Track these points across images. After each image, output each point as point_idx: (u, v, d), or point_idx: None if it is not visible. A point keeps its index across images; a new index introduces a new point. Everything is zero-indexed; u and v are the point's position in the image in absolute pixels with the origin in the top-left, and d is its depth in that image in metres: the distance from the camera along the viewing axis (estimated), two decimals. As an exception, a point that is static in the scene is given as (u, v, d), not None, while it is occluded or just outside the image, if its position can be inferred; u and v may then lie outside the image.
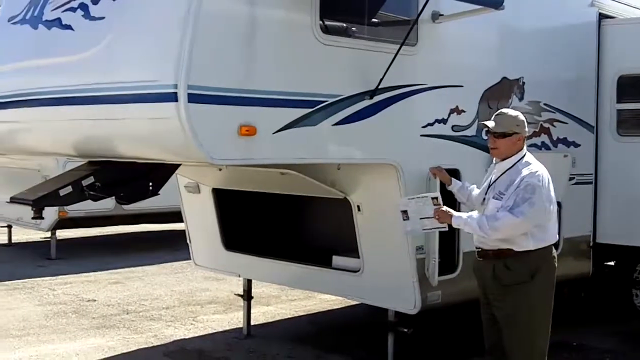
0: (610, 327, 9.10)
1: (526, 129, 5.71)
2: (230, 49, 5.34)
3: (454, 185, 6.23)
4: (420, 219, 5.73)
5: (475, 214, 5.58)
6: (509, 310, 5.50)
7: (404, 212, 5.81)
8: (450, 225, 5.69)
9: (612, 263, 9.63)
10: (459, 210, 5.87)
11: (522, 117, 5.72)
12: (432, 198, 5.71)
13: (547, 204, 5.47)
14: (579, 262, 8.53)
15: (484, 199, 5.70)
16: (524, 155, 5.65)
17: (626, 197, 8.59)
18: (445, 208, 5.64)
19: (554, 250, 5.66)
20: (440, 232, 6.40)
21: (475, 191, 5.99)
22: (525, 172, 5.47)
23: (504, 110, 5.83)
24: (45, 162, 12.31)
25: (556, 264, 5.67)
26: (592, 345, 8.35)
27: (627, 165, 8.62)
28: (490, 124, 5.69)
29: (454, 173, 6.57)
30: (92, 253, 14.58)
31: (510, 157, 5.62)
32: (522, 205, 5.34)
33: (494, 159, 5.78)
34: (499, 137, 5.63)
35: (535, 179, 5.43)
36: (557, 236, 5.69)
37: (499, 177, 5.63)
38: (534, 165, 5.57)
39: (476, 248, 5.74)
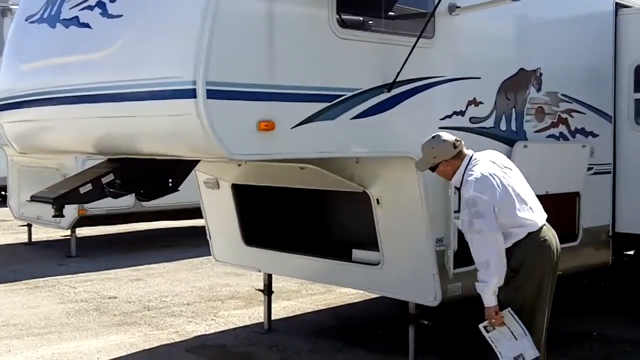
0: (630, 316, 9.06)
1: (450, 147, 5.60)
2: (248, 44, 5.36)
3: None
4: (516, 340, 5.41)
5: (477, 282, 5.44)
6: (503, 299, 5.48)
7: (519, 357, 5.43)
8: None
9: (631, 252, 9.60)
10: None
11: (437, 142, 5.66)
12: (485, 328, 5.47)
13: (494, 205, 5.36)
14: (599, 252, 8.51)
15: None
16: (468, 163, 5.60)
17: (645, 187, 8.56)
18: (487, 320, 5.45)
19: (539, 237, 5.57)
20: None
21: None
22: (464, 187, 5.48)
23: (423, 143, 5.77)
24: (64, 160, 12.38)
25: (544, 250, 5.58)
26: (612, 334, 8.33)
27: (646, 154, 8.60)
28: (418, 164, 5.83)
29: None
30: (112, 250, 14.64)
31: (456, 172, 5.62)
32: (475, 222, 5.31)
33: None
34: (433, 170, 5.72)
35: (470, 192, 5.38)
36: (537, 220, 5.58)
37: (459, 195, 5.71)
38: (472, 174, 5.47)
39: None
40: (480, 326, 5.43)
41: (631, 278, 9.53)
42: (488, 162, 5.58)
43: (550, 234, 5.65)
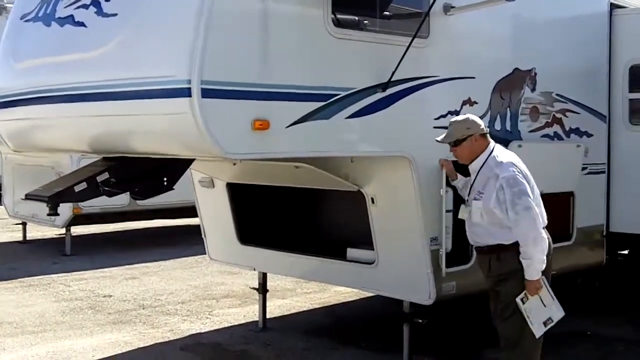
0: (624, 315, 9.10)
1: (481, 126, 5.80)
2: (243, 43, 5.36)
3: (459, 181, 6.26)
4: (545, 307, 5.59)
5: (522, 261, 5.50)
6: (504, 297, 5.61)
7: (548, 320, 5.62)
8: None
9: (625, 252, 9.63)
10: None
11: (472, 117, 5.87)
12: (521, 300, 5.54)
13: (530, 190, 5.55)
14: (593, 252, 8.53)
15: (467, 200, 5.85)
16: (492, 150, 5.74)
17: (639, 186, 8.57)
18: (526, 289, 5.54)
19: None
20: (453, 224, 6.48)
21: None
22: (496, 168, 5.59)
23: (453, 118, 5.99)
24: (59, 159, 12.37)
25: (550, 247, 5.69)
26: (606, 333, 8.37)
27: (640, 154, 8.62)
28: (441, 137, 5.88)
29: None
30: (107, 249, 14.63)
31: (479, 156, 5.73)
32: (519, 201, 5.44)
33: None
34: (455, 145, 5.80)
35: (509, 170, 5.53)
36: (545, 219, 5.68)
37: (475, 178, 5.76)
38: (503, 157, 5.67)
39: (475, 246, 5.91)
40: (517, 299, 5.52)
41: (625, 278, 9.55)
42: (513, 154, 5.75)
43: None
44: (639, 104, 8.66)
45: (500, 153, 5.73)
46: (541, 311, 5.58)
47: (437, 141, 5.97)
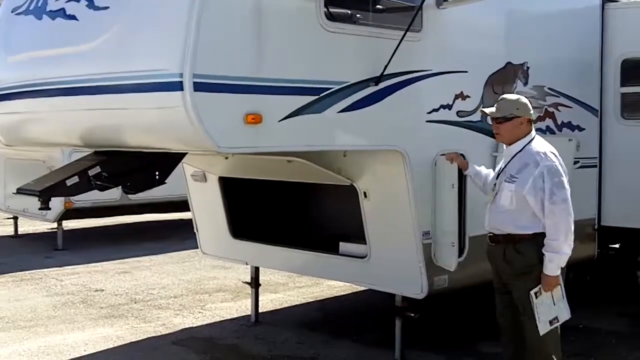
0: (615, 309, 9.14)
1: (531, 112, 5.73)
2: (236, 37, 5.35)
3: (471, 170, 6.25)
4: (555, 305, 5.51)
5: (547, 254, 5.42)
6: (521, 293, 5.55)
7: (554, 319, 5.53)
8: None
9: (617, 245, 9.65)
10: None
11: (523, 100, 5.77)
12: (535, 294, 5.47)
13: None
14: (584, 245, 8.52)
15: (495, 184, 5.74)
16: (533, 138, 5.68)
17: (630, 180, 8.59)
18: (543, 283, 5.46)
19: None
20: (447, 217, 6.49)
21: (492, 176, 6.01)
22: (538, 156, 5.52)
23: (505, 95, 5.89)
24: (50, 153, 12.33)
25: None
26: (598, 327, 8.40)
27: (632, 148, 8.61)
28: (490, 110, 5.78)
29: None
30: (99, 243, 14.61)
31: (519, 140, 5.66)
32: (559, 192, 5.40)
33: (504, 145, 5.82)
34: (500, 122, 5.70)
35: (552, 161, 5.49)
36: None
37: (509, 161, 5.67)
38: (545, 147, 5.61)
39: (488, 233, 5.78)
40: (532, 292, 5.45)
41: (616, 271, 9.58)
42: (552, 146, 5.69)
43: None
44: (631, 98, 8.67)
45: (542, 142, 5.67)
46: (550, 309, 5.49)
47: (483, 112, 5.92)
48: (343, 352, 7.61)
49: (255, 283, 8.62)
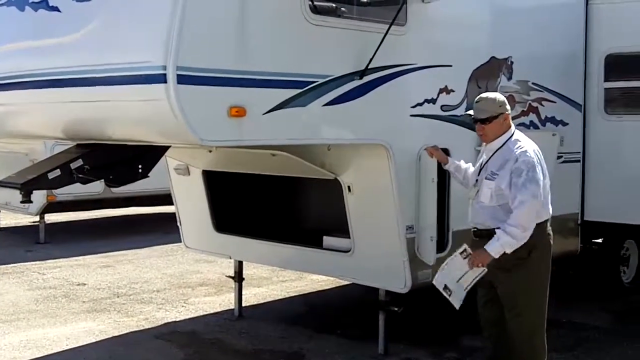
0: (598, 304, 9.18)
1: (508, 107, 5.74)
2: (220, 29, 5.33)
3: (451, 164, 6.24)
4: (458, 282, 5.50)
5: (499, 232, 5.42)
6: (508, 289, 5.57)
7: (445, 288, 5.55)
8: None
9: (599, 240, 9.69)
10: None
11: (501, 96, 5.80)
12: (460, 253, 5.52)
13: (543, 179, 5.51)
14: (567, 240, 8.56)
15: (477, 180, 5.73)
16: (513, 133, 5.68)
17: (613, 175, 8.63)
18: (475, 252, 5.47)
19: (549, 227, 5.68)
20: (427, 211, 6.53)
21: (471, 170, 6.01)
22: (517, 151, 5.51)
23: (482, 95, 5.86)
24: (33, 145, 12.26)
25: (552, 241, 5.70)
26: (580, 322, 8.43)
27: (615, 143, 8.67)
28: (472, 112, 5.76)
29: (444, 153, 6.59)
30: (82, 237, 14.55)
31: (499, 136, 5.65)
32: (529, 186, 5.37)
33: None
34: (485, 122, 5.67)
35: (529, 156, 5.47)
36: (550, 212, 5.70)
37: (490, 157, 5.67)
38: (524, 142, 5.60)
39: (472, 228, 5.78)
40: (457, 252, 5.50)
41: (599, 266, 9.61)
42: (532, 142, 5.69)
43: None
44: (614, 93, 8.71)
45: (522, 137, 5.66)
46: (452, 279, 5.49)
47: (468, 115, 5.89)
48: (327, 346, 7.61)
49: (238, 277, 8.60)
